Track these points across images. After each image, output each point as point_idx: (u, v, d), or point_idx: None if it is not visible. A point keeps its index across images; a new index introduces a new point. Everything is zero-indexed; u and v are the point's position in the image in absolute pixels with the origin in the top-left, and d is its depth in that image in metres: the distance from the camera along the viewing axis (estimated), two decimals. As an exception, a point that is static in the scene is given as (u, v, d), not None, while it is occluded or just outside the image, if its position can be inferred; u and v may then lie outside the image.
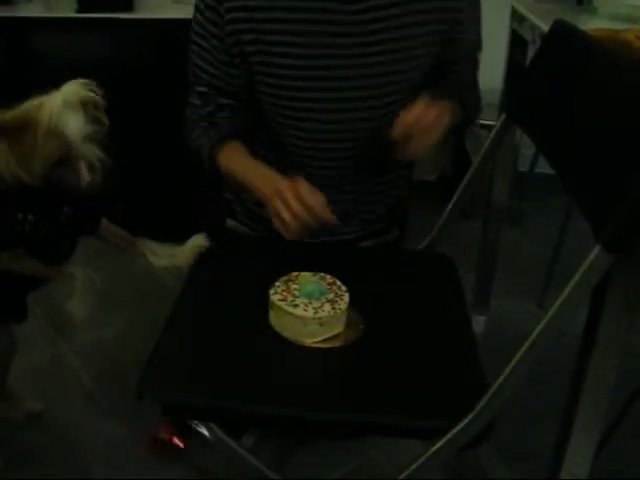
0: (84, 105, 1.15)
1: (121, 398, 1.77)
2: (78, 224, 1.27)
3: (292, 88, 1.32)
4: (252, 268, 1.27)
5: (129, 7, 2.44)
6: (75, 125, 1.13)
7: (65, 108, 1.11)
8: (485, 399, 0.94)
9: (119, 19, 2.42)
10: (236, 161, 1.34)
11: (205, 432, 1.10)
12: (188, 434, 1.54)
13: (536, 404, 1.70)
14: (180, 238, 1.31)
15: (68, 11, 2.45)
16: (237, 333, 1.16)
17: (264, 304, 1.17)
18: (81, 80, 1.15)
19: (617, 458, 1.56)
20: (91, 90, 1.15)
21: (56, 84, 1.17)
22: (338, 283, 1.18)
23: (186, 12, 1.41)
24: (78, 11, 2.43)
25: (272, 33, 1.28)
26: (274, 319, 1.15)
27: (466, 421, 0.95)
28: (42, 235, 1.20)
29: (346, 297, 1.14)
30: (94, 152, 1.16)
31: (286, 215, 1.15)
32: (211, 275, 1.14)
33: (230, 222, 1.30)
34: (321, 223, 1.16)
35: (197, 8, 1.33)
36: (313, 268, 1.21)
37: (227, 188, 1.49)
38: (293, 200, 1.15)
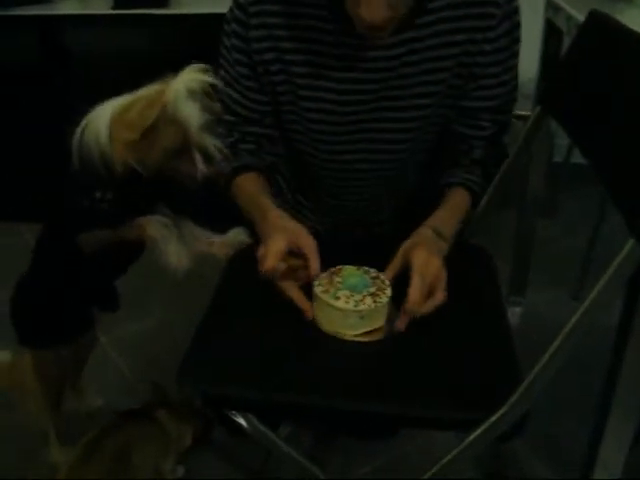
0: (202, 93, 1.09)
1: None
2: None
3: (318, 121, 1.32)
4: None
5: (164, 3, 2.47)
6: (194, 113, 1.08)
7: (186, 94, 1.06)
8: (519, 391, 0.95)
9: (154, 15, 2.45)
10: (246, 196, 1.34)
11: (243, 422, 1.11)
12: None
13: (571, 398, 1.69)
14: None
15: (104, 8, 2.49)
16: (276, 325, 1.17)
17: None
18: (200, 65, 1.08)
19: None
20: (210, 76, 1.09)
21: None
22: (382, 277, 1.18)
23: (221, 7, 1.40)
24: (114, 7, 2.46)
25: (297, 65, 1.28)
26: (316, 311, 1.16)
27: (501, 413, 0.96)
28: (120, 213, 1.16)
29: (388, 291, 1.14)
30: (211, 142, 1.11)
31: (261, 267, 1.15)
32: (250, 268, 1.15)
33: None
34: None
35: (224, 32, 1.32)
36: (351, 262, 1.21)
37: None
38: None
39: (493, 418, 0.97)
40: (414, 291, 1.11)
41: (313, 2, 1.24)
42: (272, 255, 1.13)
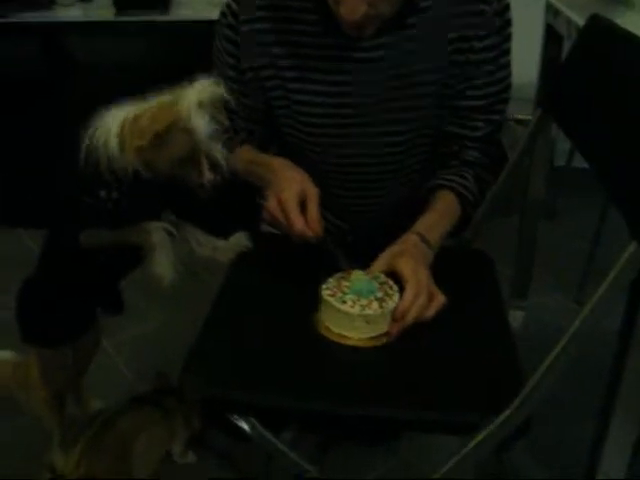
0: (212, 104, 1.12)
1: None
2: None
3: (311, 125, 1.33)
4: (293, 267, 1.28)
5: (166, 9, 2.48)
6: (203, 123, 1.10)
7: (197, 105, 1.09)
8: (522, 395, 0.95)
9: (156, 21, 2.46)
10: (245, 160, 1.36)
11: (245, 426, 1.11)
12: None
13: (573, 402, 1.69)
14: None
15: (106, 14, 2.50)
16: (279, 329, 1.18)
17: (306, 302, 1.19)
18: (212, 78, 1.12)
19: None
20: (221, 89, 1.12)
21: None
22: (390, 283, 1.17)
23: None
24: (116, 14, 2.47)
25: (289, 69, 1.29)
26: (322, 314, 1.17)
27: (503, 417, 0.96)
28: (124, 212, 1.18)
29: (395, 297, 1.14)
30: (218, 151, 1.14)
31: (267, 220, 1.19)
32: (251, 272, 1.16)
33: (265, 227, 1.31)
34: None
35: (217, 35, 1.35)
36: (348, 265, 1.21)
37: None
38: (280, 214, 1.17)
39: (496, 422, 0.97)
40: (406, 297, 1.12)
41: (301, 7, 1.26)
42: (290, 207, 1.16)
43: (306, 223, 1.16)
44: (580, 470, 1.06)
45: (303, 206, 1.18)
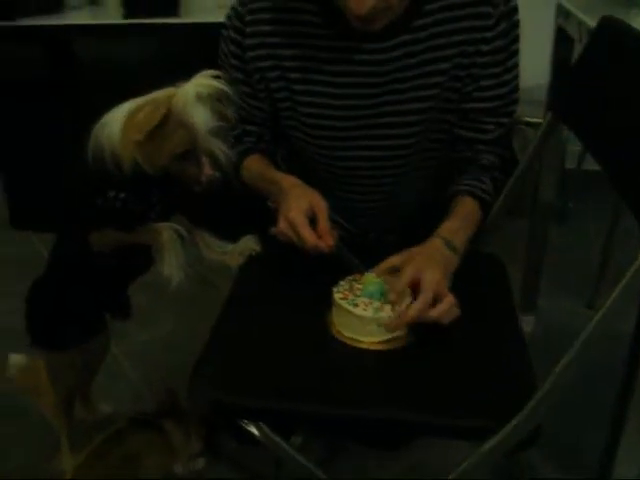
0: (212, 98, 1.12)
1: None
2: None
3: (317, 127, 1.32)
4: (303, 271, 1.27)
5: (175, 11, 2.48)
6: (203, 118, 1.09)
7: (196, 100, 1.09)
8: (534, 400, 0.94)
9: (165, 24, 2.46)
10: (256, 175, 1.37)
11: (255, 431, 1.10)
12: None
13: (587, 405, 1.68)
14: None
15: (115, 17, 2.50)
16: (289, 333, 1.17)
17: (317, 305, 1.18)
18: (212, 72, 1.11)
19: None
20: (221, 83, 1.11)
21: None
22: None
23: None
24: (125, 17, 2.47)
25: (294, 71, 1.29)
26: (335, 317, 1.16)
27: (516, 422, 0.95)
28: (132, 213, 1.17)
29: (408, 300, 1.12)
30: (219, 147, 1.13)
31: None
32: (261, 276, 1.15)
33: (273, 230, 1.31)
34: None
35: (223, 38, 1.35)
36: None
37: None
38: (290, 232, 1.18)
39: (509, 427, 0.96)
40: (420, 301, 1.09)
41: (307, 9, 1.26)
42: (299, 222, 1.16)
43: (318, 237, 1.17)
44: (594, 473, 1.05)
45: (314, 221, 1.18)
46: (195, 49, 2.38)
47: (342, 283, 1.18)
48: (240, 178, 1.40)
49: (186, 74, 1.09)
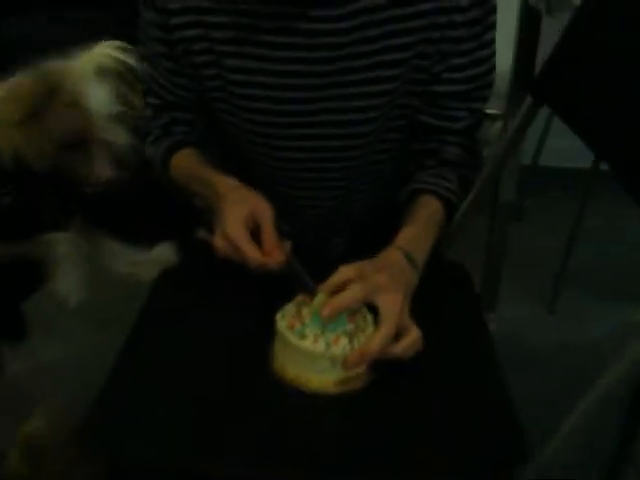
0: (115, 76, 0.96)
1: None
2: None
3: (251, 110, 1.16)
4: (235, 288, 1.08)
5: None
6: (101, 99, 0.94)
7: (94, 75, 0.93)
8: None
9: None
10: (186, 174, 1.21)
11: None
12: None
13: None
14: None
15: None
16: (213, 369, 0.98)
17: (253, 334, 1.00)
18: (117, 42, 0.96)
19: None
20: (129, 57, 0.96)
21: None
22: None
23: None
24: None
25: (225, 43, 1.11)
26: (277, 351, 0.97)
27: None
28: (18, 217, 1.02)
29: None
30: (122, 138, 0.97)
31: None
32: (179, 293, 1.00)
33: (202, 232, 1.15)
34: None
35: (142, 5, 1.15)
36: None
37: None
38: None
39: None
40: (383, 334, 0.93)
41: None
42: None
43: (264, 252, 1.01)
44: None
45: (259, 229, 1.03)
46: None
47: (288, 306, 0.98)
48: (169, 178, 1.22)
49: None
